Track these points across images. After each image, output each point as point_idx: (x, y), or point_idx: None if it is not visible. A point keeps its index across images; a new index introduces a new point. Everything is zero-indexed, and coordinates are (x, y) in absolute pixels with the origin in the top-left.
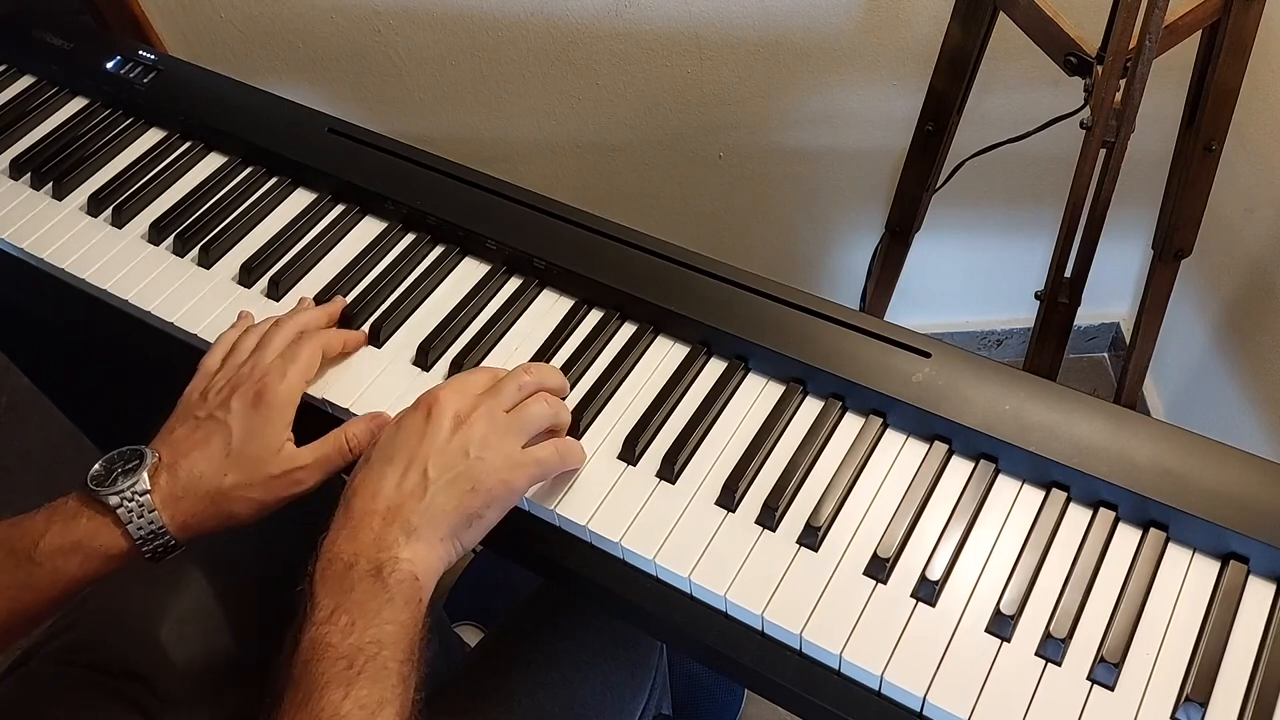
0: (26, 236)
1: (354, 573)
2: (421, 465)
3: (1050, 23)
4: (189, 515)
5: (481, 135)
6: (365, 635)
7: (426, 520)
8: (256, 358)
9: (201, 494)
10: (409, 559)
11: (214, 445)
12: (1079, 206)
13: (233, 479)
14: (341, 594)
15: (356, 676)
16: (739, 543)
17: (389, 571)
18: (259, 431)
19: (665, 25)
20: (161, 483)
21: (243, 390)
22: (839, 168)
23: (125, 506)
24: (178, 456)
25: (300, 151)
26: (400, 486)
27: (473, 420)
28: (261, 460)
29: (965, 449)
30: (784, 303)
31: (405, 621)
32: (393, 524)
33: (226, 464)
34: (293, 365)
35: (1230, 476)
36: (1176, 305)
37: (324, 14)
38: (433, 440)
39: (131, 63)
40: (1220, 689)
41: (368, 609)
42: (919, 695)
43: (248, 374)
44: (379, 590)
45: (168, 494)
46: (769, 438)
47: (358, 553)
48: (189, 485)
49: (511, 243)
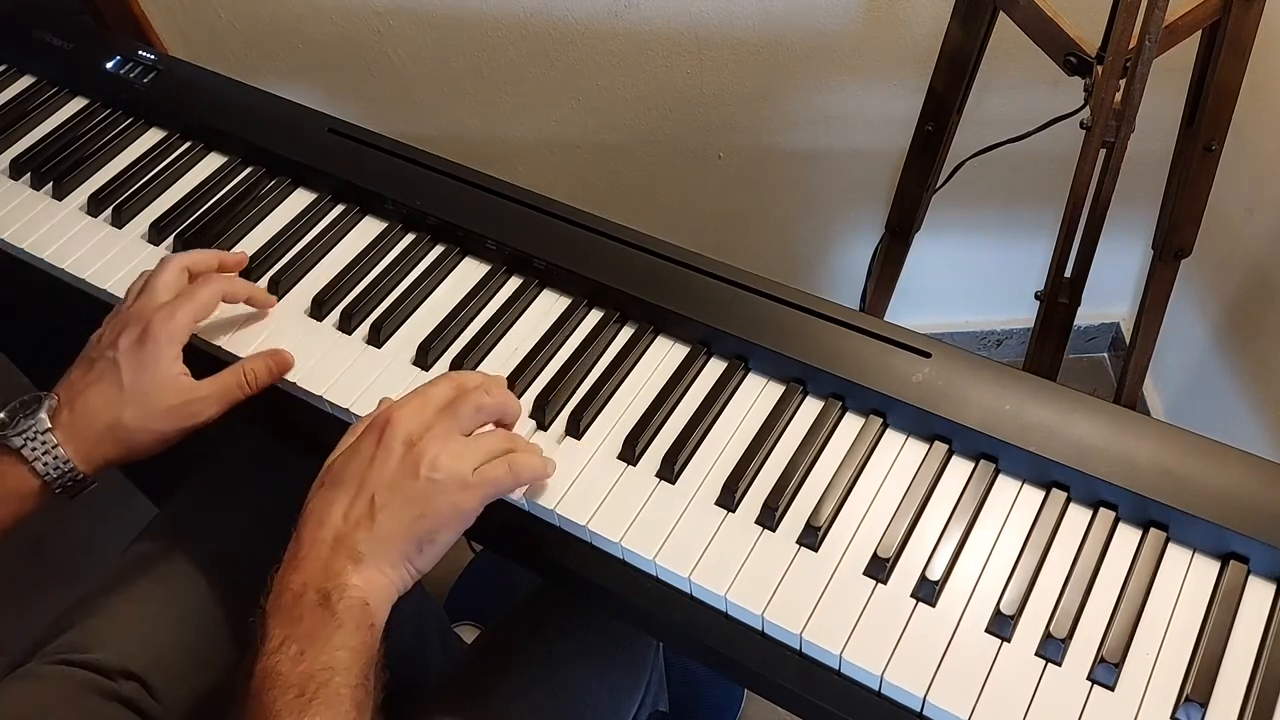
0: (26, 236)
1: (303, 602)
2: (369, 491)
3: (1050, 23)
4: (91, 448)
5: (481, 135)
6: (316, 663)
7: (374, 547)
8: (142, 299)
9: (101, 427)
10: (358, 584)
11: (106, 382)
12: (1079, 206)
13: (130, 412)
14: (291, 624)
15: (308, 704)
16: (739, 543)
17: (338, 599)
18: (146, 366)
19: (665, 26)
20: (62, 420)
21: (129, 329)
22: (839, 168)
23: (29, 446)
24: (74, 395)
25: (300, 151)
26: (348, 514)
27: (425, 442)
28: (154, 393)
29: (965, 449)
30: (784, 303)
31: (356, 647)
32: (340, 552)
33: (121, 398)
34: (181, 306)
35: (1230, 476)
36: (1176, 305)
37: (324, 14)
38: (383, 465)
39: (131, 63)
40: (1220, 689)
41: (317, 637)
42: (919, 695)
43: (135, 314)
44: (328, 618)
45: (69, 430)
46: (769, 438)
47: (306, 582)
48: (87, 420)
49: (511, 243)
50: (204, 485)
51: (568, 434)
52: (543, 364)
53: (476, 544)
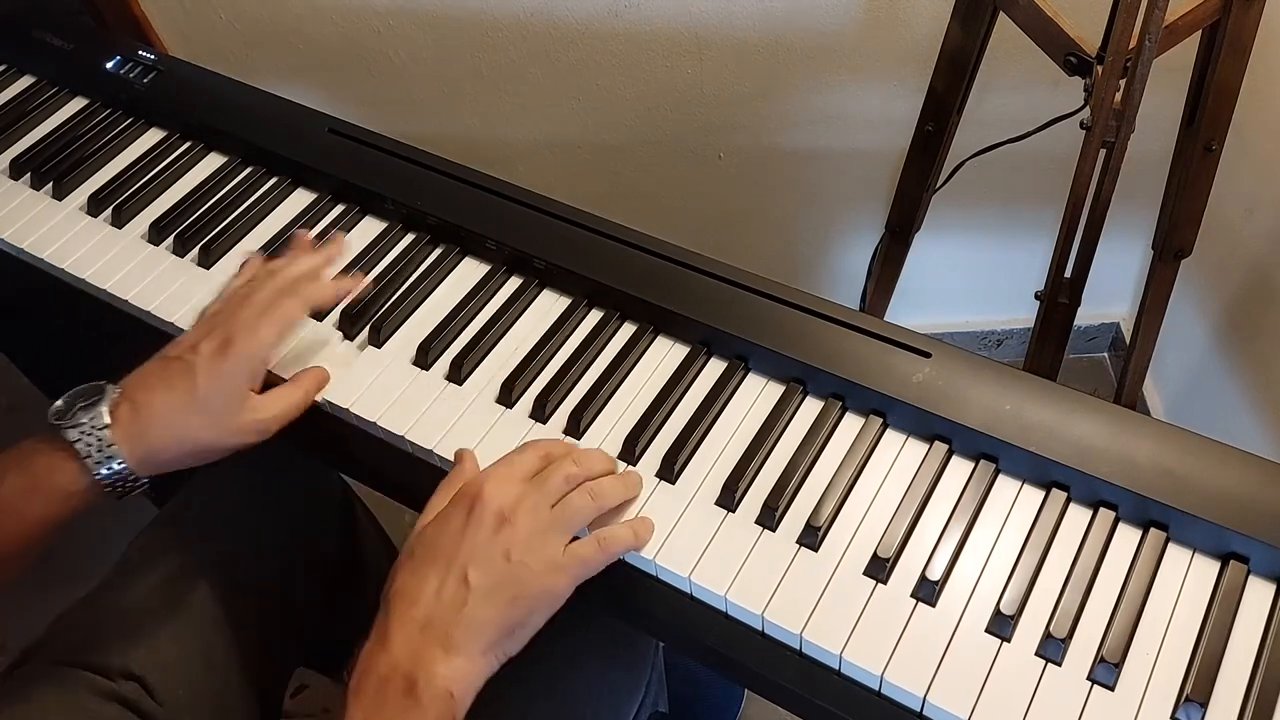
0: (26, 236)
1: (389, 688)
2: (461, 570)
3: (1050, 23)
4: (149, 451)
5: (481, 135)
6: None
7: (467, 634)
8: (236, 307)
9: (162, 430)
10: (445, 675)
11: (177, 386)
12: (1079, 206)
13: (196, 421)
14: (374, 708)
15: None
16: (739, 543)
17: (424, 688)
18: (222, 379)
19: (665, 26)
20: (121, 416)
21: (212, 336)
22: (839, 168)
23: (84, 441)
24: (139, 392)
25: (300, 151)
26: (440, 594)
27: (517, 518)
28: (224, 407)
29: (965, 449)
30: (784, 303)
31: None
32: (431, 636)
33: (189, 405)
34: (266, 321)
35: (1230, 476)
36: (1176, 305)
37: (324, 14)
38: (474, 541)
39: (131, 63)
40: (1220, 689)
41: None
42: (919, 695)
43: (221, 322)
44: (411, 706)
45: (129, 429)
46: (769, 438)
47: (393, 665)
48: (149, 421)
49: (511, 243)
50: (204, 485)
51: (568, 434)
52: (543, 364)
53: None
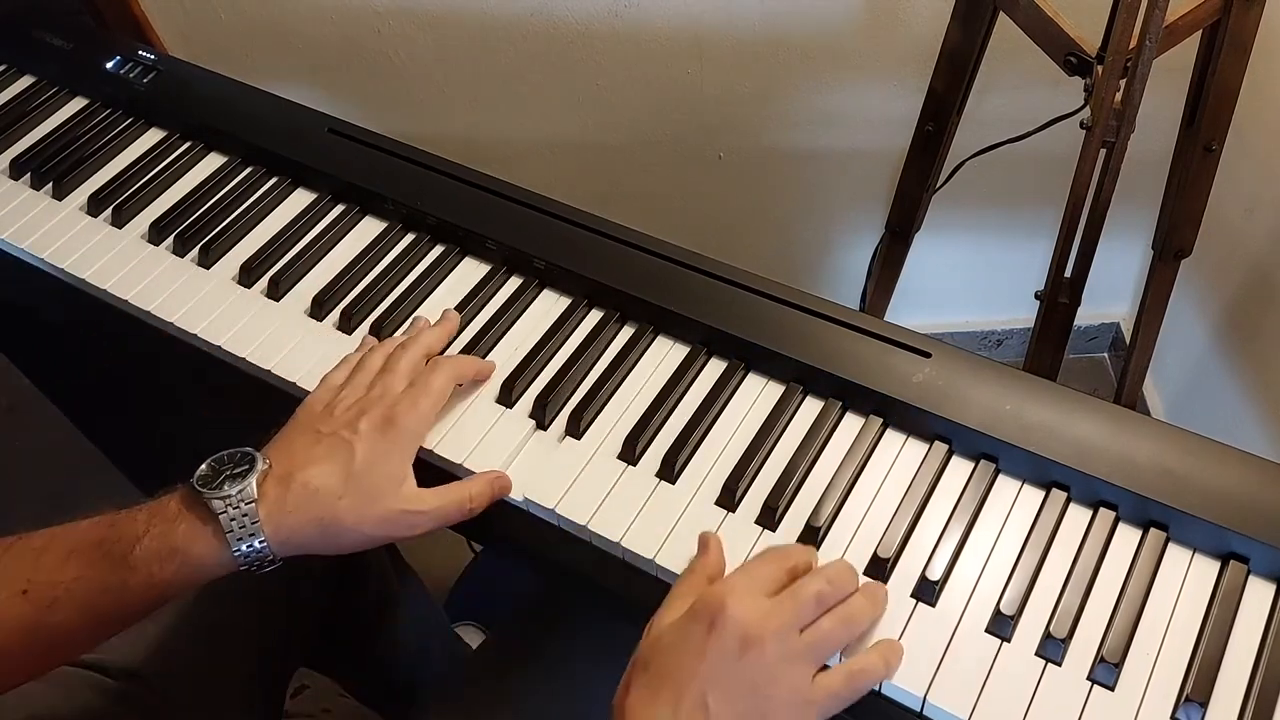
0: (26, 236)
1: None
2: (700, 696)
3: (1050, 23)
4: (292, 532)
5: (481, 135)
6: None
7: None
8: (385, 381)
9: (311, 513)
10: None
11: (335, 463)
12: (1079, 206)
13: (347, 504)
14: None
15: None
16: (740, 543)
17: None
18: (384, 458)
19: (665, 26)
20: (269, 493)
21: (372, 413)
22: (839, 168)
23: (228, 513)
24: (293, 468)
25: (300, 151)
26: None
27: (764, 644)
28: (381, 491)
29: (965, 449)
30: (784, 303)
31: None
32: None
33: (344, 487)
34: (425, 395)
35: (1230, 476)
36: (1176, 305)
37: (324, 14)
38: (716, 664)
39: (131, 63)
40: (1220, 689)
41: None
42: (919, 695)
43: (378, 397)
44: None
45: (275, 506)
46: (769, 438)
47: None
48: (299, 501)
49: (511, 243)
50: None
51: (568, 434)
52: (543, 364)
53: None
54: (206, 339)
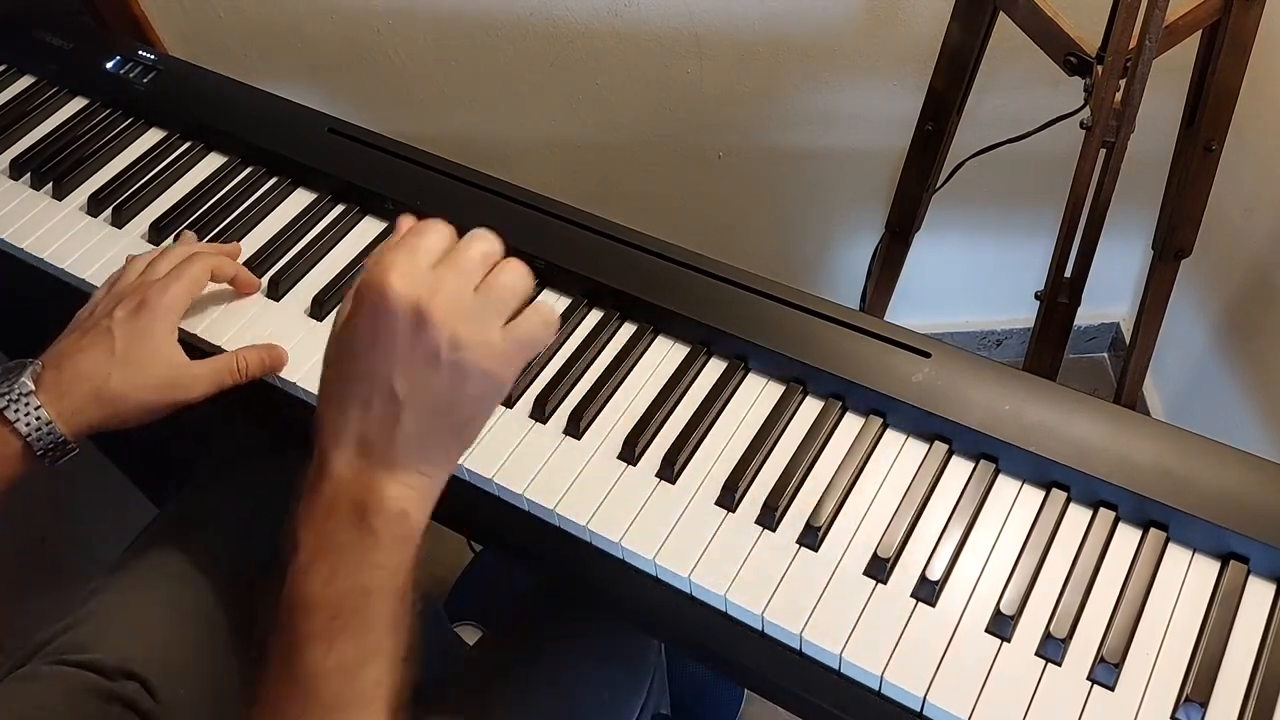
0: (26, 236)
1: (336, 514)
2: (385, 383)
3: (1050, 23)
4: (75, 412)
5: (481, 135)
6: (348, 582)
7: (408, 449)
8: (143, 276)
9: (87, 391)
10: (395, 496)
11: (98, 348)
12: (1079, 206)
13: (117, 379)
14: (324, 536)
15: (340, 630)
16: (739, 543)
17: (374, 512)
18: (141, 336)
19: (665, 25)
20: (46, 382)
21: (126, 301)
22: (839, 168)
23: (11, 408)
24: (62, 360)
25: (300, 151)
26: (367, 415)
27: (435, 313)
28: (146, 362)
29: (965, 449)
30: (784, 303)
31: (394, 566)
32: (370, 459)
33: (109, 365)
34: (176, 280)
35: (1230, 476)
36: (1176, 305)
37: (324, 14)
38: (392, 348)
39: (131, 63)
40: (1220, 689)
41: (351, 554)
42: (919, 695)
43: (133, 287)
44: (364, 534)
45: (54, 392)
46: (769, 438)
47: (338, 491)
48: (73, 384)
49: (511, 242)
50: (205, 486)
51: (567, 434)
52: (543, 364)
53: (477, 544)
54: (207, 339)
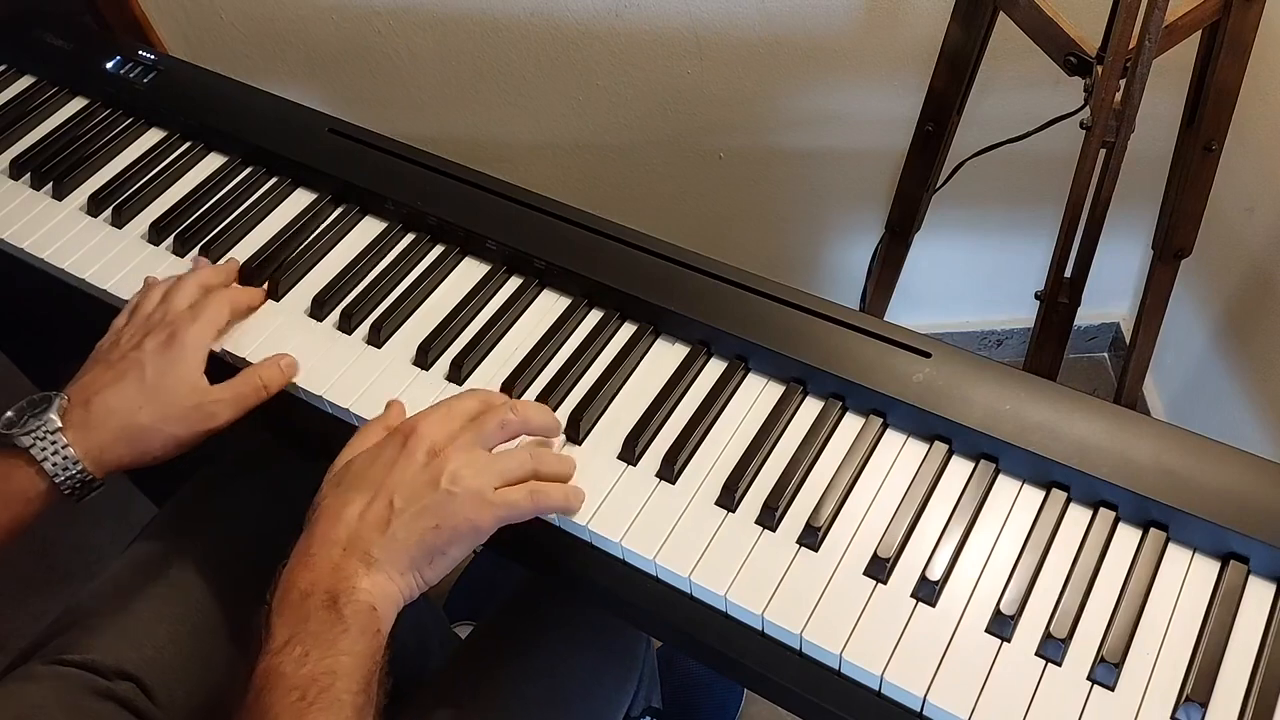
0: (26, 236)
1: (310, 602)
2: (388, 495)
3: (1050, 23)
4: (103, 449)
5: (481, 135)
6: (319, 666)
7: (387, 553)
8: (165, 307)
9: (115, 428)
10: (367, 589)
11: (127, 382)
12: (1079, 206)
13: (147, 413)
14: (297, 623)
15: (308, 708)
16: (739, 543)
17: (345, 602)
18: (171, 368)
19: (665, 26)
20: (74, 419)
21: (155, 333)
22: (839, 168)
23: (38, 445)
24: (90, 395)
25: (300, 151)
26: (364, 516)
27: (448, 454)
28: (175, 394)
29: (965, 449)
30: (784, 303)
31: (361, 652)
32: (352, 554)
33: (140, 399)
34: (203, 314)
35: (1230, 476)
36: (1176, 305)
37: (324, 14)
38: (404, 471)
39: (131, 63)
40: (1220, 689)
41: (323, 639)
42: (919, 695)
43: (159, 319)
44: (335, 620)
45: (81, 429)
46: (769, 438)
47: (315, 581)
48: (102, 419)
49: (511, 243)
50: (203, 486)
51: (567, 434)
52: (543, 364)
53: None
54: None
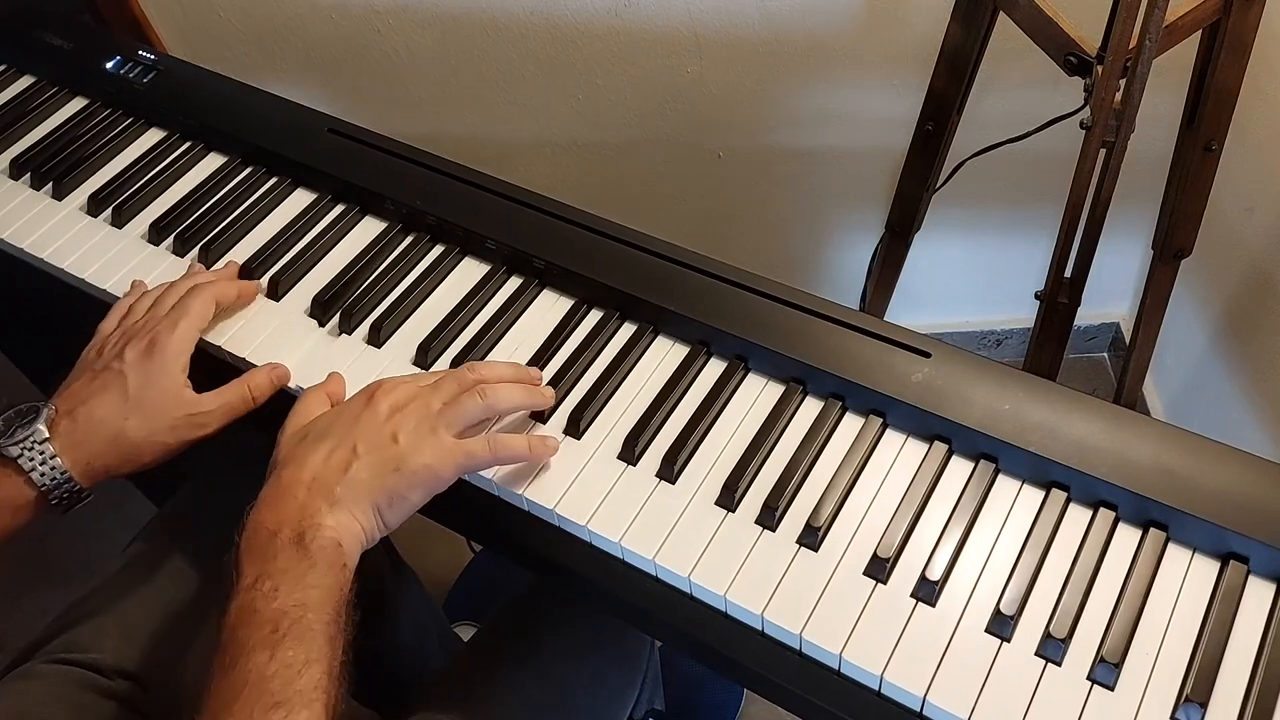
0: (26, 236)
1: (277, 540)
2: (351, 443)
3: (1050, 23)
4: (91, 459)
5: (481, 135)
6: (289, 599)
7: (349, 491)
8: (150, 314)
9: (103, 438)
10: (331, 526)
11: (111, 392)
12: (1079, 206)
13: (134, 423)
14: (265, 561)
15: (281, 639)
16: (739, 543)
17: (311, 538)
18: (154, 377)
19: (665, 25)
20: (61, 430)
21: (135, 341)
22: (839, 168)
23: (26, 456)
24: (76, 405)
25: (300, 151)
26: (328, 460)
27: (408, 409)
28: (162, 406)
29: (965, 449)
30: (784, 303)
31: (329, 585)
32: (316, 494)
33: (125, 410)
34: (184, 317)
35: (1230, 476)
36: (1176, 305)
37: (324, 14)
38: (368, 423)
39: (131, 63)
40: (1220, 689)
41: (291, 574)
42: (919, 695)
43: (141, 327)
44: (302, 556)
45: (68, 440)
46: (769, 438)
47: (281, 521)
48: (89, 430)
49: (511, 243)
50: (203, 486)
51: (567, 434)
52: (543, 364)
53: (476, 544)
54: (209, 340)
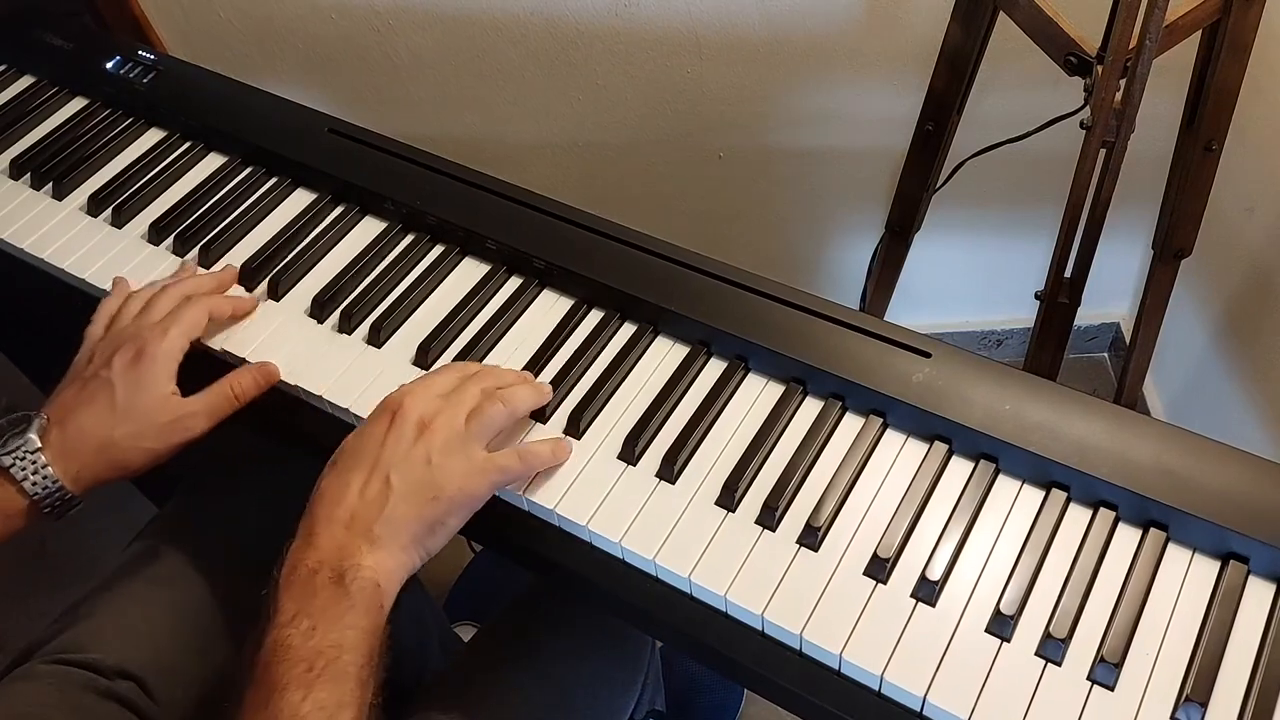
0: (26, 236)
1: (317, 579)
2: (384, 473)
3: (1050, 23)
4: (81, 468)
5: (481, 135)
6: (326, 639)
7: (389, 530)
8: (139, 320)
9: (92, 448)
10: (371, 566)
11: (99, 403)
12: (1079, 206)
13: (122, 431)
14: (305, 599)
15: (316, 679)
16: (739, 543)
17: (351, 579)
18: (140, 387)
19: (665, 25)
20: (52, 439)
21: (123, 349)
22: (839, 168)
23: (18, 466)
24: (65, 414)
25: (300, 151)
26: (363, 495)
27: (435, 427)
28: (148, 413)
29: (965, 449)
30: (784, 303)
31: (366, 627)
32: (355, 533)
33: (113, 419)
34: (175, 325)
35: (1230, 476)
36: (1176, 305)
37: (324, 14)
38: (395, 448)
39: (131, 63)
40: (1220, 689)
41: (329, 614)
42: (919, 695)
43: (130, 334)
44: (341, 596)
45: (59, 449)
46: (769, 438)
47: (321, 560)
48: (78, 439)
49: (511, 243)
50: (203, 486)
51: (567, 434)
52: (543, 364)
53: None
54: (208, 344)
